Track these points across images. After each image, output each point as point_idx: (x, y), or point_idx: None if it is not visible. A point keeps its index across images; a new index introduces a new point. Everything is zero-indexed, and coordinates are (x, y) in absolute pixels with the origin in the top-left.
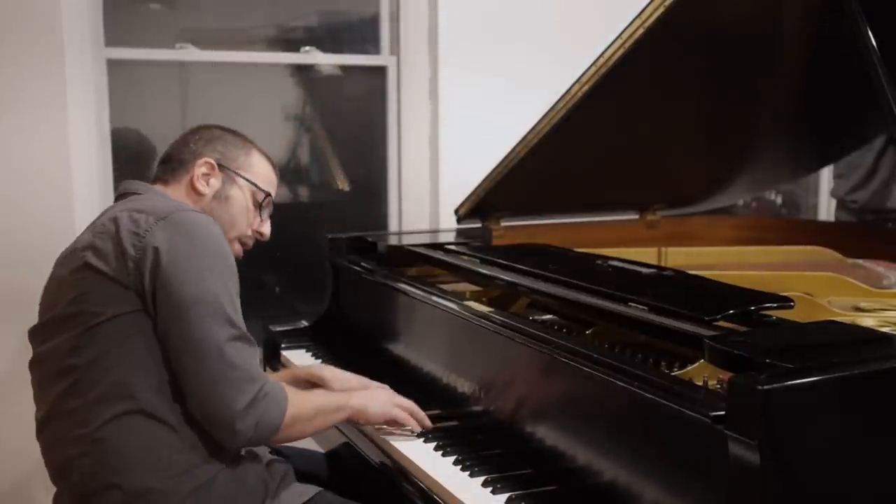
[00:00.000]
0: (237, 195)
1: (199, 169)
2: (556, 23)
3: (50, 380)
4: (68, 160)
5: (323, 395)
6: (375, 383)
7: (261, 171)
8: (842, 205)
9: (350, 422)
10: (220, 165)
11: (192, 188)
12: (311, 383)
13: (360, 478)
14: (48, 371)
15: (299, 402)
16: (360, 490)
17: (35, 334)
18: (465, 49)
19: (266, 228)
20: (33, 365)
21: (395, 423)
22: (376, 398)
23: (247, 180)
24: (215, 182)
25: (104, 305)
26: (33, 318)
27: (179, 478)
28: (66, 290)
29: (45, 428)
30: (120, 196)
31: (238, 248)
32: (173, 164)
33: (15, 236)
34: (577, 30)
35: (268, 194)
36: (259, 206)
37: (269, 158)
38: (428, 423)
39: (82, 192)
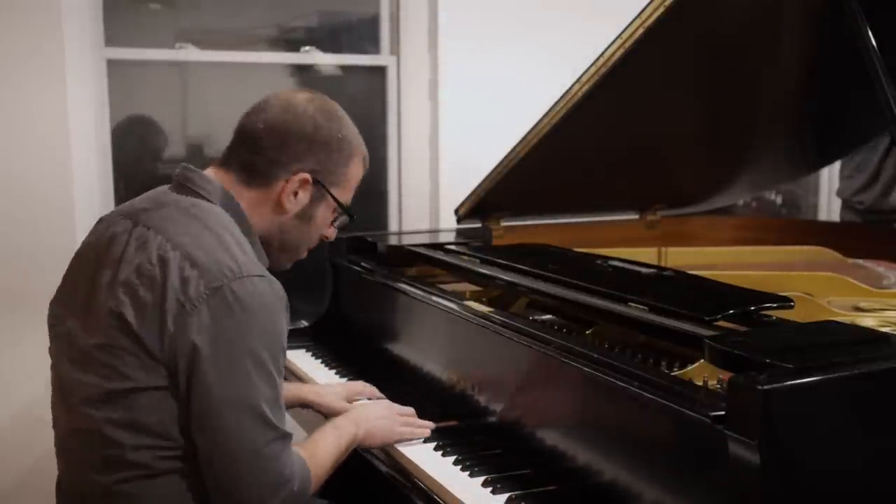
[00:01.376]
0: (321, 214)
1: (293, 185)
2: (555, 22)
3: (65, 405)
4: (69, 160)
5: (335, 443)
6: (360, 384)
7: (353, 184)
8: (848, 206)
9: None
10: (314, 181)
11: (277, 201)
12: (298, 403)
13: (360, 478)
14: (67, 397)
15: (319, 470)
16: (361, 490)
17: (55, 323)
18: (465, 49)
19: (332, 233)
20: (54, 338)
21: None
22: (379, 424)
23: (335, 199)
24: (303, 197)
25: (134, 371)
26: (32, 314)
27: None
28: (99, 326)
29: (64, 442)
30: (178, 186)
31: (304, 255)
32: (262, 165)
33: (15, 236)
34: (577, 30)
35: (350, 213)
36: (336, 217)
37: (366, 161)
38: (428, 430)
39: (83, 193)
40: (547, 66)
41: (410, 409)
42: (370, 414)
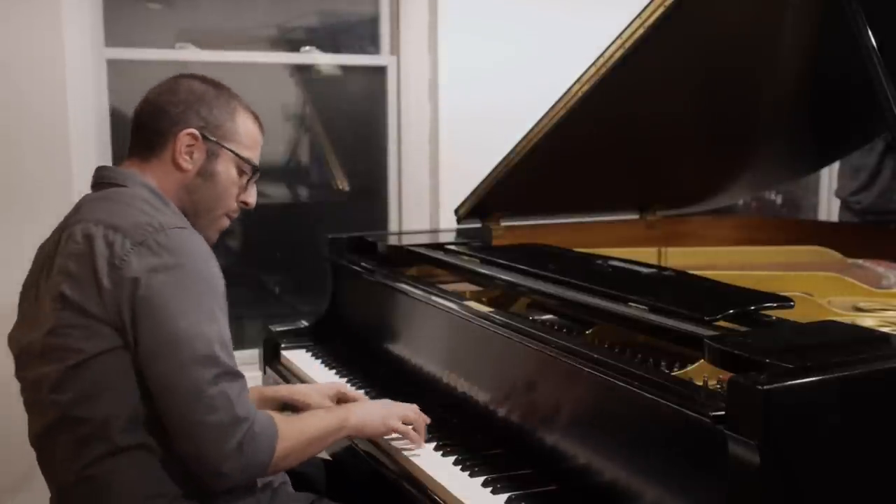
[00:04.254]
0: (222, 170)
1: (182, 142)
2: (555, 23)
3: (37, 408)
4: (69, 160)
5: (318, 419)
6: (354, 392)
7: (247, 138)
8: (845, 205)
9: (348, 438)
10: (204, 136)
11: (174, 164)
12: (282, 402)
13: (359, 478)
14: (34, 399)
15: (293, 434)
16: (359, 490)
17: (15, 346)
18: (465, 49)
19: (252, 197)
20: (20, 379)
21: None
22: (374, 413)
23: (232, 152)
24: (199, 155)
25: (84, 342)
26: None
27: None
28: (45, 316)
29: (39, 445)
30: (95, 185)
31: (226, 221)
32: (150, 135)
33: (16, 238)
34: (577, 30)
35: (255, 167)
36: (246, 176)
37: (254, 116)
38: (421, 441)
39: (83, 193)
40: (547, 66)
41: (413, 407)
42: (366, 405)
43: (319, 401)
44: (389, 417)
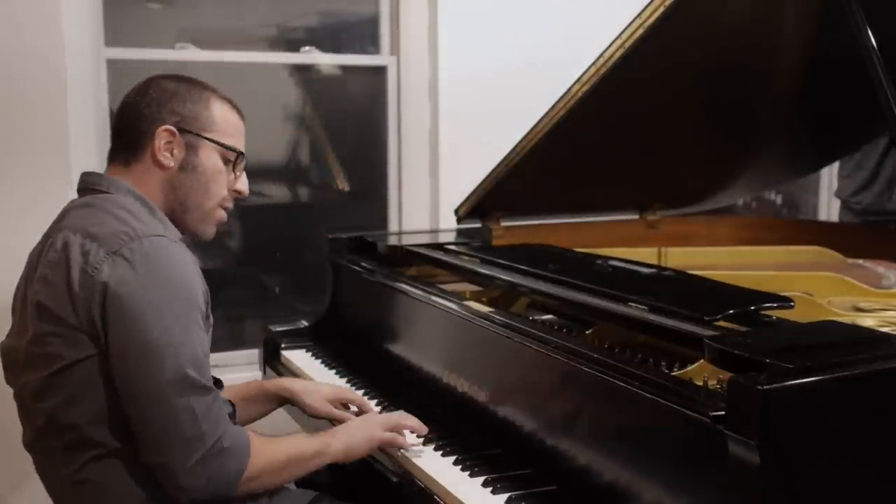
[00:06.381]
0: (205, 160)
1: (160, 140)
2: (555, 22)
3: (26, 416)
4: (69, 160)
5: (297, 442)
6: (349, 391)
7: (226, 125)
8: (845, 206)
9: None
10: (180, 130)
11: (155, 163)
12: (282, 397)
13: (360, 478)
14: (23, 406)
15: (267, 453)
16: (361, 490)
17: (5, 356)
18: (465, 48)
19: (243, 185)
20: (10, 385)
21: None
22: (358, 435)
23: (212, 141)
24: (179, 151)
25: (64, 349)
26: None
27: None
28: (27, 325)
29: (33, 452)
30: (80, 190)
31: (221, 213)
32: (129, 137)
33: (16, 240)
34: (577, 30)
35: (239, 152)
36: (231, 164)
37: (231, 103)
38: (422, 429)
39: None
40: (547, 66)
41: (396, 414)
42: (349, 428)
43: (317, 404)
44: (373, 435)
